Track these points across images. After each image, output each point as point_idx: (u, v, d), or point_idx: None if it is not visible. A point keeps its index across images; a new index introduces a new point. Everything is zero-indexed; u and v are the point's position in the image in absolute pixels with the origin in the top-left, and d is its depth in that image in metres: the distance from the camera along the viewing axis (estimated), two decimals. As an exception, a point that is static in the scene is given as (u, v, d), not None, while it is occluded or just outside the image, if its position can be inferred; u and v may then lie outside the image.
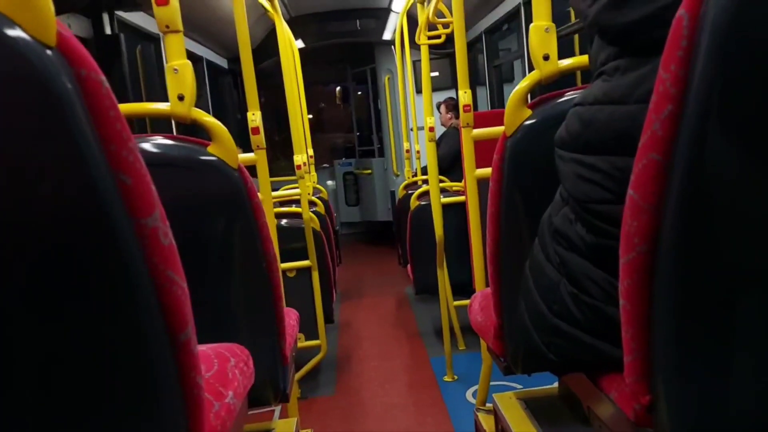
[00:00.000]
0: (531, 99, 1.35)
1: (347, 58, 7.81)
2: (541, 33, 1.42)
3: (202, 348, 0.97)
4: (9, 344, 0.54)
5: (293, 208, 3.41)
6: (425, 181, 4.17)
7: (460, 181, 3.75)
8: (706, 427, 0.72)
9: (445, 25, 3.83)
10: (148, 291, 0.59)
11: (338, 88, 8.34)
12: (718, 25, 0.61)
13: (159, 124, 3.78)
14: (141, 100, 3.70)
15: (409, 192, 4.43)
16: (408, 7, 4.18)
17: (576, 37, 3.76)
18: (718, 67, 0.62)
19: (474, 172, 2.15)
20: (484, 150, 1.99)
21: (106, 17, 3.07)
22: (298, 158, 2.94)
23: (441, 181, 3.57)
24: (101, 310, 0.57)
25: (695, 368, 0.72)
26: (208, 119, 1.44)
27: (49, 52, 0.52)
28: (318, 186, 5.23)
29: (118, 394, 0.60)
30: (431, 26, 3.69)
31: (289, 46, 3.30)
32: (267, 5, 2.69)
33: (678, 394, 0.74)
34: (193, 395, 0.67)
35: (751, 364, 0.70)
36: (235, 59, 5.74)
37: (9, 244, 0.52)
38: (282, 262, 2.30)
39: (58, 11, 0.54)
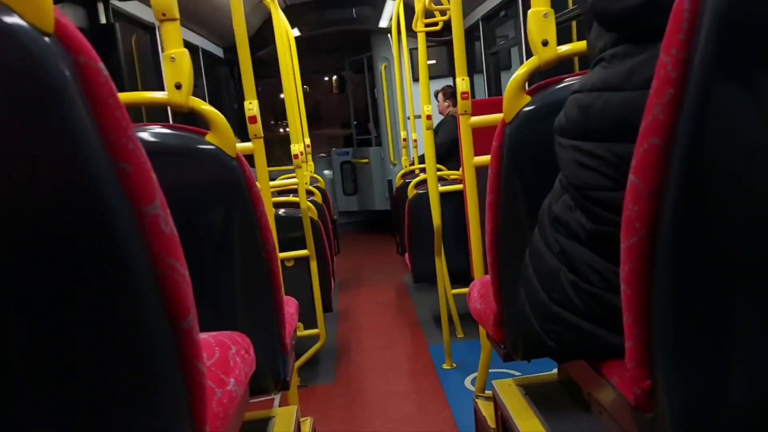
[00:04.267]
0: (529, 85, 1.34)
1: (344, 47, 7.77)
2: (539, 18, 1.41)
3: (204, 336, 0.97)
4: (9, 334, 0.54)
5: (291, 198, 3.40)
6: (423, 170, 4.16)
7: (457, 169, 3.75)
8: (706, 411, 0.73)
9: (442, 12, 3.82)
10: (149, 279, 0.59)
11: (335, 77, 8.31)
12: (719, 8, 0.61)
13: (154, 114, 3.77)
14: (137, 91, 3.68)
15: (407, 181, 4.43)
16: (404, -6, 4.16)
17: (573, 23, 3.75)
18: (718, 50, 0.62)
19: (472, 160, 2.15)
20: (482, 138, 1.99)
21: (101, 6, 3.05)
22: (295, 148, 2.93)
23: (438, 169, 3.56)
24: (103, 299, 0.57)
25: (694, 353, 0.72)
26: (206, 108, 1.43)
27: (47, 39, 0.51)
28: (315, 175, 5.22)
29: (121, 382, 0.60)
30: (428, 13, 3.67)
31: (286, 34, 3.28)
32: (263, -7, 2.67)
33: (677, 378, 0.74)
34: (196, 382, 0.67)
35: (749, 350, 0.70)
36: (231, 48, 5.72)
37: (8, 233, 0.52)
38: (280, 251, 2.29)
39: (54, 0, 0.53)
